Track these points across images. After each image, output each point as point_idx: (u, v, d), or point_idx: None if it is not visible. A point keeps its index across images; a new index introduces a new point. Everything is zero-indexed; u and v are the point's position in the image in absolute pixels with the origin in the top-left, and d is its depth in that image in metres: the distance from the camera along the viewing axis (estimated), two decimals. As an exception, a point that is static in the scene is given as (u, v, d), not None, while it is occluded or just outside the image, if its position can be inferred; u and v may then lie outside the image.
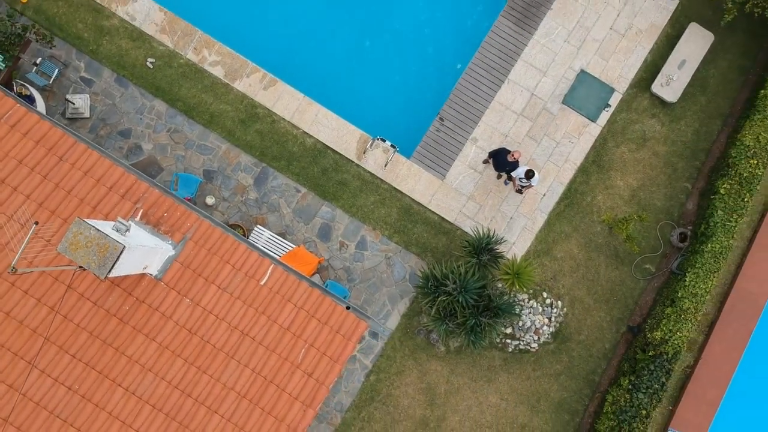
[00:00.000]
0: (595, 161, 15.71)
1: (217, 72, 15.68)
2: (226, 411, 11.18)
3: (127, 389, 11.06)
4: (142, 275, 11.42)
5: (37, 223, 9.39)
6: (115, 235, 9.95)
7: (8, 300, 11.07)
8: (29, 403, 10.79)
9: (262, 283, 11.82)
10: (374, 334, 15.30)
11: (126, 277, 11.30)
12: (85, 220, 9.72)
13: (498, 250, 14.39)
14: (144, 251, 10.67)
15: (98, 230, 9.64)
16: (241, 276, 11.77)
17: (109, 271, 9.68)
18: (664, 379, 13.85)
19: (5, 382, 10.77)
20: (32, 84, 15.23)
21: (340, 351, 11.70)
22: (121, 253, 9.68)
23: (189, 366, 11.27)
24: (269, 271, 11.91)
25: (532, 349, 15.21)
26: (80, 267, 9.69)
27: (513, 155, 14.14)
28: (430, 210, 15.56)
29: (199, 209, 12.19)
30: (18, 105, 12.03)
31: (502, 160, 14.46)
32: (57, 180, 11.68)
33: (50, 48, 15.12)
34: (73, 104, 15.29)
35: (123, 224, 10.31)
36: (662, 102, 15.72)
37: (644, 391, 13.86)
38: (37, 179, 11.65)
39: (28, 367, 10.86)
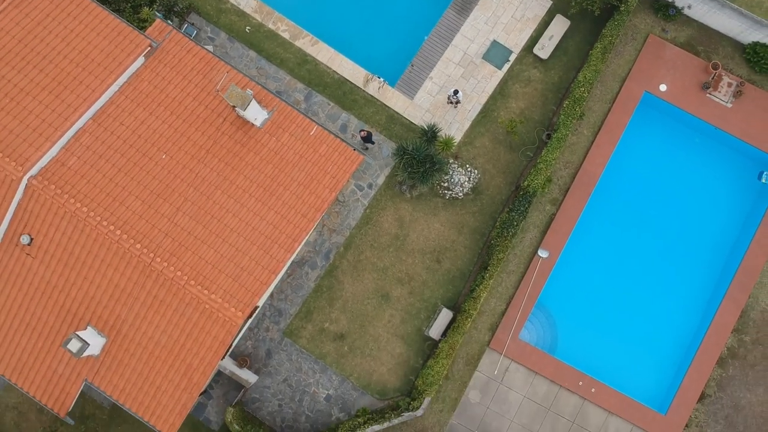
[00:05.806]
0: (500, 92, 27.12)
1: (286, 35, 27.37)
2: (292, 189, 22.62)
3: (244, 176, 22.56)
4: (252, 125, 22.96)
5: (227, 72, 21.10)
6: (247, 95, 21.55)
7: (186, 132, 22.66)
8: (197, 179, 22.32)
9: (311, 133, 23.33)
10: (370, 185, 26.71)
11: (245, 123, 22.84)
12: (235, 86, 21.35)
13: (437, 134, 25.79)
14: (256, 109, 22.23)
15: (241, 90, 21.24)
16: (300, 129, 23.28)
17: (245, 109, 21.27)
18: (526, 205, 25.07)
19: (187, 168, 22.34)
20: (182, 39, 27.01)
21: (348, 166, 23.14)
22: (251, 101, 21.28)
23: (274, 168, 22.74)
24: (314, 128, 23.43)
25: (459, 198, 26.49)
26: (233, 106, 21.30)
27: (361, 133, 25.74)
28: (404, 117, 27.03)
29: (281, 98, 23.76)
30: (189, 41, 23.72)
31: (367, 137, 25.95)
32: (210, 77, 23.32)
33: (197, 14, 27.05)
34: (204, 51, 27.01)
35: (250, 92, 21.94)
36: (540, 59, 27.12)
37: (515, 212, 25.09)
38: (200, 76, 23.30)
39: (198, 162, 22.43)
